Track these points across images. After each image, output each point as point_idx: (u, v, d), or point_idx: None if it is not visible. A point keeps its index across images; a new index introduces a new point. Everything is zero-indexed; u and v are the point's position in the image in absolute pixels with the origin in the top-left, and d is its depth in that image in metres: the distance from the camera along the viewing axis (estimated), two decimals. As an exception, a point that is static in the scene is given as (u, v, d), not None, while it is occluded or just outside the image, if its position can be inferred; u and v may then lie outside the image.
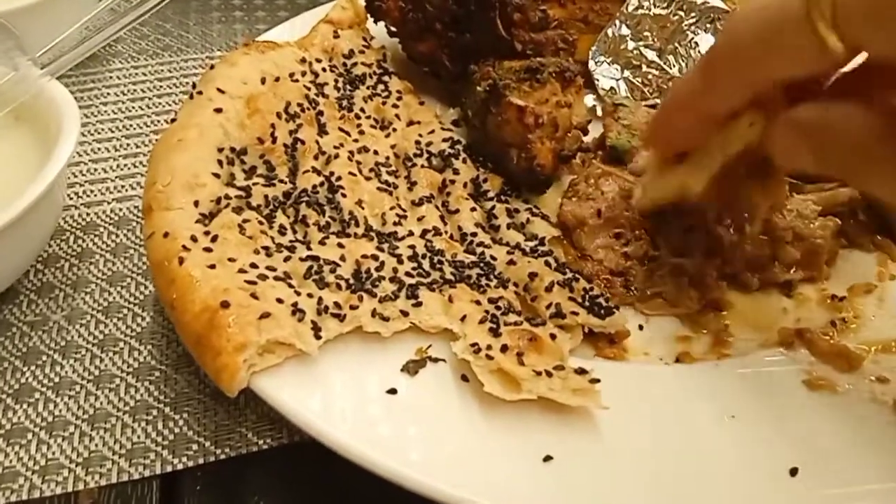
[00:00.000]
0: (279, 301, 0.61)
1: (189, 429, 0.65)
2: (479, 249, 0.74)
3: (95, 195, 0.87)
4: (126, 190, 0.87)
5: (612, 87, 0.92)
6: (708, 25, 0.90)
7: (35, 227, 0.72)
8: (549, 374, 0.59)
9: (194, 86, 0.79)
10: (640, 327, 0.70)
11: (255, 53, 0.84)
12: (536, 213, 0.79)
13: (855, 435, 0.59)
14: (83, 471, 0.62)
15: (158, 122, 0.97)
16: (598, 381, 0.59)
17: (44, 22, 0.90)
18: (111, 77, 1.04)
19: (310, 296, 0.63)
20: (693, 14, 0.90)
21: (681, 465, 0.57)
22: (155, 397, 0.67)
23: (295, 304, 0.61)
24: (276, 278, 0.64)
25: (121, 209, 0.85)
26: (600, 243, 0.75)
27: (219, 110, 0.76)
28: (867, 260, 0.76)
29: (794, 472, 0.56)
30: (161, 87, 1.03)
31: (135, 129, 0.96)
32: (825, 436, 0.59)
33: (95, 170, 0.90)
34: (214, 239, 0.65)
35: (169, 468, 0.62)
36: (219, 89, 0.78)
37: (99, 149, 0.93)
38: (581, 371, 0.60)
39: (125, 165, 0.91)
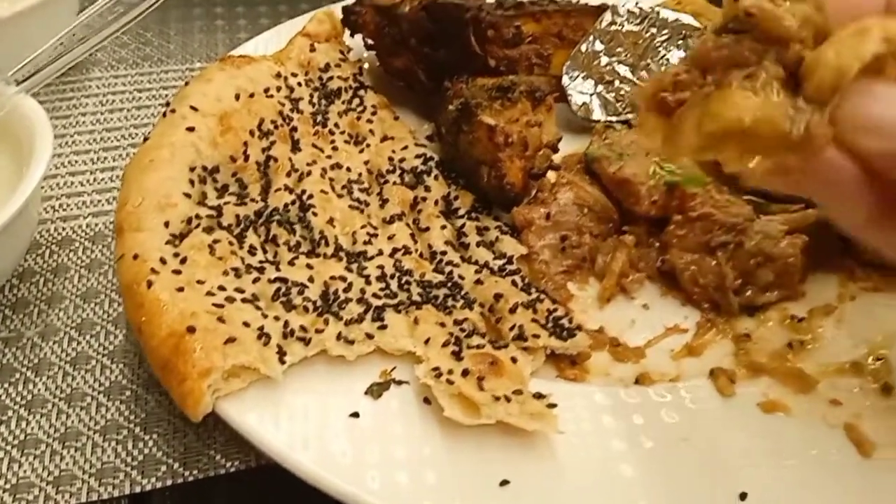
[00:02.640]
0: (246, 325, 0.62)
1: (158, 449, 0.66)
2: (447, 268, 0.75)
3: (71, 209, 0.88)
4: (102, 205, 0.88)
5: (584, 103, 0.93)
6: (680, 42, 0.91)
7: (10, 245, 0.73)
8: (507, 399, 0.60)
9: (168, 104, 0.80)
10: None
11: (231, 69, 0.85)
12: (506, 231, 0.80)
13: (806, 458, 0.61)
14: (53, 489, 0.63)
15: (136, 134, 0.98)
16: (555, 405, 0.61)
17: (17, 35, 0.90)
18: (90, 86, 1.05)
19: (276, 318, 0.64)
20: (665, 31, 0.91)
21: (634, 489, 0.58)
22: (125, 417, 0.68)
23: (261, 328, 0.63)
24: (244, 300, 0.65)
25: (96, 224, 0.86)
26: (545, 243, 0.78)
27: (191, 129, 0.77)
28: (829, 281, 0.77)
29: (743, 496, 0.57)
30: (140, 97, 1.04)
31: (112, 141, 0.97)
32: (777, 459, 0.61)
33: (72, 183, 0.91)
34: (184, 261, 0.66)
35: (138, 489, 0.63)
36: (192, 107, 0.79)
37: (76, 161, 0.94)
38: (539, 396, 0.61)
39: (101, 179, 0.92)
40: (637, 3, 0.92)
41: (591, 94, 0.93)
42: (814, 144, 0.43)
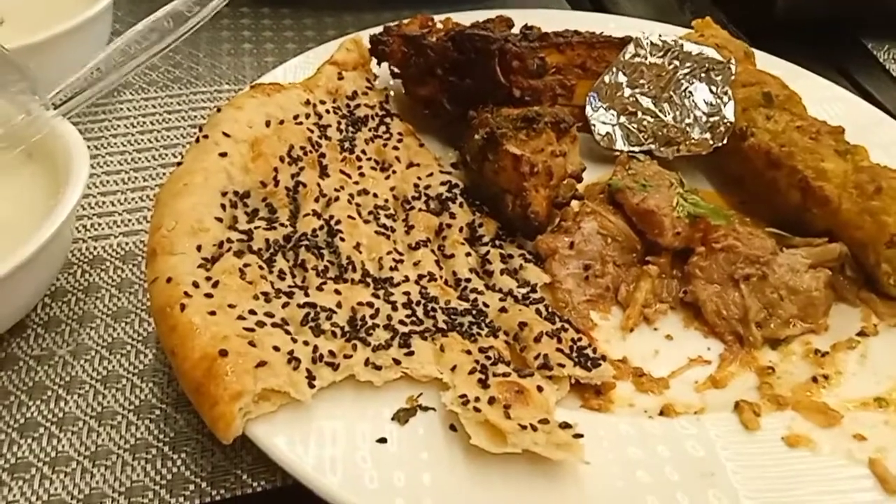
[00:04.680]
0: (276, 349, 0.63)
1: (187, 469, 0.67)
2: (472, 296, 0.76)
3: (103, 228, 0.89)
4: (132, 224, 0.90)
5: (608, 133, 0.94)
6: (702, 75, 0.92)
7: (45, 264, 0.75)
8: (534, 428, 0.60)
9: (200, 129, 0.82)
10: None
11: (261, 97, 0.87)
12: (529, 259, 0.81)
13: (830, 494, 0.61)
14: (83, 508, 0.64)
15: (166, 155, 1.00)
16: (581, 435, 0.61)
17: (52, 58, 0.92)
18: (122, 109, 1.07)
19: (306, 343, 0.65)
20: (688, 64, 0.92)
21: (659, 520, 0.59)
22: (155, 436, 0.69)
23: (291, 352, 0.64)
24: (274, 325, 0.66)
25: (127, 243, 0.87)
26: (568, 272, 0.79)
27: (223, 154, 0.78)
28: (852, 315, 0.78)
29: (769, 532, 0.58)
30: (170, 119, 1.06)
31: (143, 162, 0.99)
32: (800, 496, 0.61)
33: (104, 203, 0.93)
34: (216, 285, 0.68)
35: (166, 508, 0.64)
36: (224, 133, 0.81)
37: (107, 181, 0.96)
38: (565, 425, 0.62)
39: (132, 199, 0.93)
40: (660, 36, 0.94)
41: (614, 125, 0.94)
42: None
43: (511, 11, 1.06)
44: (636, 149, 0.93)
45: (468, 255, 0.80)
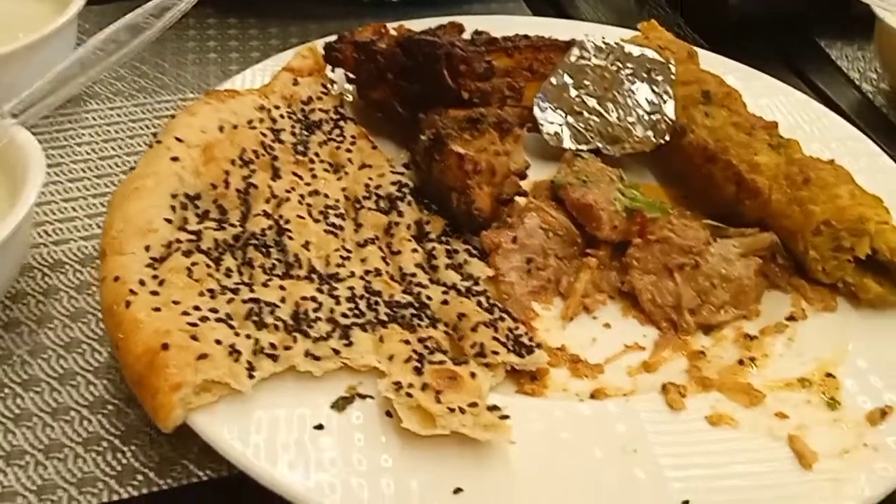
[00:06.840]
0: (218, 342, 0.66)
1: (136, 460, 0.69)
2: (416, 290, 0.78)
3: (64, 234, 0.92)
4: (93, 228, 0.92)
5: (556, 132, 0.97)
6: (644, 76, 0.95)
7: (1, 269, 0.77)
8: (462, 411, 0.63)
9: (155, 135, 0.85)
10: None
11: (216, 102, 0.90)
12: (474, 254, 0.84)
13: (749, 469, 0.64)
14: (36, 498, 0.67)
15: (129, 162, 1.02)
16: (507, 417, 0.64)
17: (16, 71, 0.95)
18: (87, 118, 1.10)
19: (248, 336, 0.68)
20: (630, 65, 0.96)
21: (584, 497, 0.61)
22: (107, 430, 0.72)
23: (233, 345, 0.66)
24: (218, 320, 0.69)
25: (87, 247, 0.90)
26: (511, 265, 0.82)
27: (175, 159, 0.81)
28: (783, 300, 0.81)
29: (686, 504, 0.61)
30: (134, 128, 1.08)
31: (106, 169, 1.01)
32: (720, 470, 0.64)
33: (65, 209, 0.95)
34: (162, 283, 0.70)
35: (115, 497, 0.67)
36: (177, 138, 0.83)
37: (70, 188, 0.98)
38: (493, 408, 0.65)
39: (94, 205, 0.96)
40: (603, 39, 0.97)
41: (562, 125, 0.97)
42: None
43: (472, 18, 1.10)
44: (584, 147, 0.96)
45: (414, 251, 0.83)
